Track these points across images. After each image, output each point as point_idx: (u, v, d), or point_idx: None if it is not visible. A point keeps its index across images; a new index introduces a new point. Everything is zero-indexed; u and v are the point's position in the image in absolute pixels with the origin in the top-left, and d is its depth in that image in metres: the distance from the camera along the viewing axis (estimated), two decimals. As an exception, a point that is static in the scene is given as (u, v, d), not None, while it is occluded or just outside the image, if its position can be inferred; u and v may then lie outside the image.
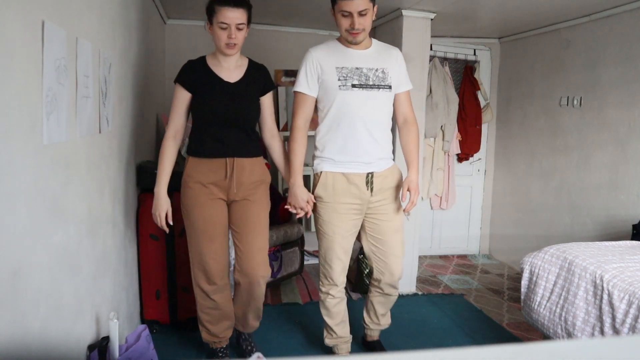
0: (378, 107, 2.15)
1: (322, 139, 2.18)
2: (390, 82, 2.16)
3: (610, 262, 2.15)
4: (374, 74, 2.12)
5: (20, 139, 1.03)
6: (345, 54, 2.13)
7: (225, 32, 2.00)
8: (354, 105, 2.10)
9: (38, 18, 1.11)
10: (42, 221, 1.17)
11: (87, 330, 1.55)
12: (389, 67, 2.16)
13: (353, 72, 2.10)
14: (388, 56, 2.19)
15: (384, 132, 2.19)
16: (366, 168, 2.16)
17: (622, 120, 3.08)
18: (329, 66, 2.11)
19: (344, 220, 2.19)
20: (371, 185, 2.17)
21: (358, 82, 2.10)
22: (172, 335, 2.63)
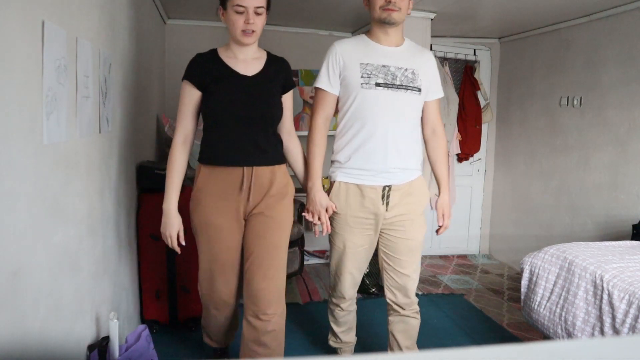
0: (404, 111, 1.92)
1: (338, 142, 1.99)
2: (420, 84, 1.93)
3: (610, 262, 2.15)
4: (403, 73, 1.91)
5: (20, 139, 1.03)
6: (372, 50, 1.93)
7: (242, 17, 1.74)
8: (375, 106, 1.88)
9: (38, 18, 1.11)
10: (42, 221, 1.17)
11: (87, 330, 1.55)
12: (420, 69, 1.94)
13: (379, 69, 1.89)
14: (420, 57, 1.98)
15: (408, 140, 1.95)
16: (383, 180, 1.93)
17: (622, 121, 3.08)
18: (352, 61, 1.91)
19: (356, 234, 2.00)
20: (387, 200, 1.94)
21: (383, 80, 1.88)
22: (172, 335, 2.63)
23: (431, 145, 2.08)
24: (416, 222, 2.01)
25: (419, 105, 1.98)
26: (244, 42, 1.79)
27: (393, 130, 1.90)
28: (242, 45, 1.83)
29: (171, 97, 3.74)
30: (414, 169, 1.99)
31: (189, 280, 2.62)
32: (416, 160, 2.00)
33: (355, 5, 3.24)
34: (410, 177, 1.98)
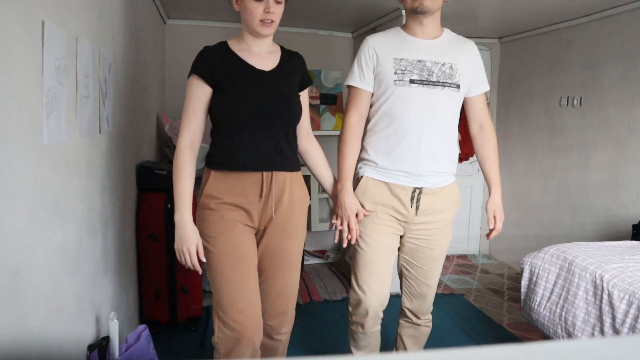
0: (440, 109, 1.78)
1: (368, 139, 1.86)
2: (458, 80, 1.78)
3: (610, 262, 2.15)
4: (440, 68, 1.76)
5: (20, 139, 1.03)
6: (407, 43, 1.79)
7: (261, 6, 1.56)
8: (409, 104, 1.75)
9: (38, 18, 1.11)
10: (42, 221, 1.17)
11: (87, 330, 1.55)
12: (459, 63, 1.79)
13: (414, 65, 1.75)
14: (460, 49, 1.82)
15: (444, 141, 1.81)
16: (415, 182, 1.79)
17: (622, 120, 3.08)
18: (386, 56, 1.77)
19: (382, 233, 1.84)
20: (417, 204, 1.80)
21: (418, 77, 1.75)
22: (172, 335, 2.63)
23: (479, 142, 1.92)
24: (444, 231, 1.88)
25: (456, 103, 1.83)
26: (262, 33, 1.61)
27: (427, 130, 1.76)
28: (259, 36, 1.64)
29: (171, 97, 3.74)
30: (448, 174, 1.84)
31: (189, 280, 2.62)
32: (450, 164, 1.85)
33: (355, 5, 3.24)
34: (444, 182, 1.83)
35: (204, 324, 2.78)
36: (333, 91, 4.05)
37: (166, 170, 2.55)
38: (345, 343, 2.63)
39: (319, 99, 3.99)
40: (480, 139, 1.93)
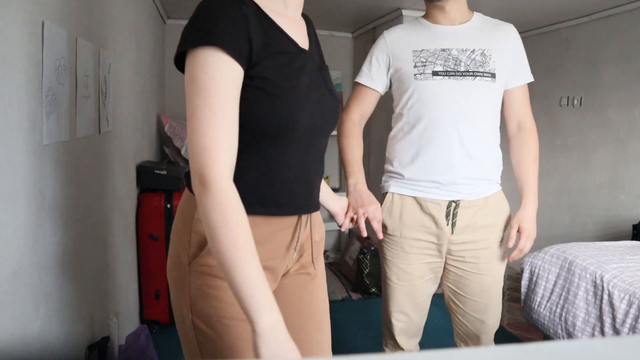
0: (474, 103, 1.48)
1: (391, 148, 1.60)
2: (493, 68, 1.49)
3: (611, 262, 2.15)
4: (469, 56, 1.48)
5: (20, 139, 1.03)
6: (428, 32, 1.52)
7: None
8: (435, 99, 1.47)
9: (38, 18, 1.11)
10: (42, 221, 1.17)
11: (87, 330, 1.55)
12: (493, 49, 1.49)
13: (436, 55, 1.48)
14: (494, 33, 1.53)
15: (482, 141, 1.51)
16: (449, 193, 1.49)
17: (622, 120, 3.08)
18: (404, 50, 1.51)
19: (413, 262, 1.55)
20: (453, 219, 1.50)
21: (442, 67, 1.47)
22: (172, 335, 2.62)
23: (515, 145, 1.61)
24: (494, 251, 1.54)
25: (494, 94, 1.53)
26: None
27: (462, 128, 1.47)
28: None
29: (171, 97, 3.74)
30: (490, 181, 1.54)
31: (189, 280, 2.62)
32: (492, 169, 1.55)
33: (355, 5, 3.24)
34: (486, 191, 1.52)
35: (204, 324, 2.78)
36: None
37: (166, 170, 2.55)
38: (345, 343, 2.63)
39: (319, 99, 3.98)
40: (519, 140, 1.61)
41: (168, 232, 2.53)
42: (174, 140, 3.14)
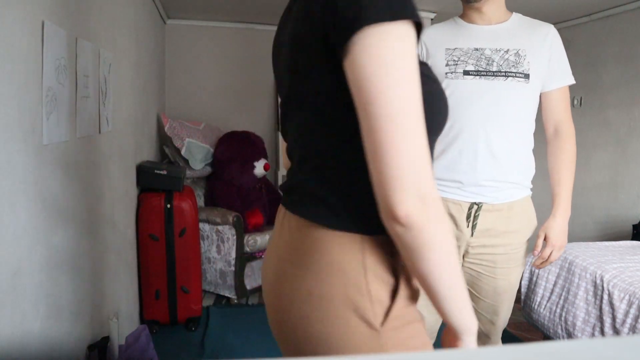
0: (504, 104, 1.45)
1: None
2: (526, 68, 1.46)
3: (611, 262, 2.15)
4: (502, 56, 1.47)
5: (20, 139, 1.03)
6: (463, 31, 1.52)
7: None
8: (464, 99, 1.46)
9: (38, 18, 1.11)
10: (42, 221, 1.17)
11: (87, 330, 1.55)
12: (528, 49, 1.48)
13: (469, 54, 1.48)
14: (532, 33, 1.53)
15: (511, 144, 1.47)
16: (471, 195, 1.46)
17: (623, 120, 3.08)
18: (437, 48, 1.52)
19: None
20: (474, 222, 1.46)
21: (474, 67, 1.47)
22: (172, 335, 2.63)
23: (551, 150, 1.56)
24: (512, 258, 1.50)
25: (527, 96, 1.49)
26: None
27: (491, 130, 1.44)
28: None
29: (171, 97, 3.74)
30: (518, 185, 1.49)
31: (188, 281, 2.62)
32: (521, 173, 1.50)
33: (355, 5, 3.24)
34: (512, 196, 1.47)
35: (203, 324, 2.78)
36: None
37: (166, 170, 2.55)
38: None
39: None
40: (555, 145, 1.55)
41: (168, 232, 2.53)
42: (174, 140, 3.14)
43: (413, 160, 0.62)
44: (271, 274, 0.81)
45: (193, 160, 3.16)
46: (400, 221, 0.63)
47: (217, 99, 3.82)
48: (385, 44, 0.62)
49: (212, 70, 3.83)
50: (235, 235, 2.98)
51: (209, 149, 3.26)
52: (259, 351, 2.52)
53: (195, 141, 3.20)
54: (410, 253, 0.66)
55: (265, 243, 3.13)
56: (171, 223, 2.54)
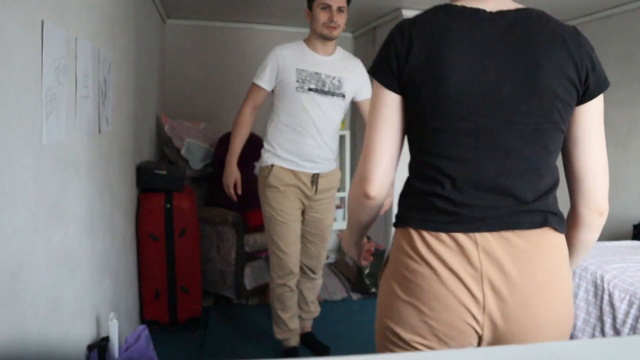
0: (329, 113, 2.24)
1: (274, 135, 2.26)
2: (344, 91, 2.27)
3: (611, 262, 2.15)
4: (331, 81, 2.23)
5: (20, 138, 1.03)
6: (308, 58, 2.23)
7: None
8: (309, 108, 2.19)
9: (38, 18, 1.11)
10: (42, 221, 1.16)
11: (86, 330, 1.54)
12: (346, 77, 2.26)
13: (312, 76, 2.20)
14: (347, 66, 2.30)
15: (332, 136, 2.29)
16: (313, 168, 2.26)
17: (623, 120, 3.08)
18: (290, 67, 2.19)
19: (292, 208, 2.29)
20: (316, 186, 2.29)
21: (315, 86, 2.20)
22: (172, 335, 2.63)
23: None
24: (332, 203, 2.47)
25: (342, 108, 2.32)
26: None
27: (322, 128, 2.23)
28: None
29: (171, 97, 3.74)
30: (333, 160, 2.36)
31: (188, 281, 2.62)
32: (334, 153, 2.36)
33: (355, 5, 3.24)
34: (331, 167, 2.35)
35: (203, 324, 2.78)
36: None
37: (166, 170, 2.55)
38: (346, 342, 2.64)
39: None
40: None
41: (168, 232, 2.53)
42: (174, 140, 3.14)
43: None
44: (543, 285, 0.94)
45: (193, 160, 3.16)
46: (603, 213, 1.04)
47: (217, 99, 3.82)
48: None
49: (212, 70, 3.83)
50: (235, 235, 2.98)
51: (209, 149, 3.26)
52: (259, 351, 2.52)
53: (195, 141, 3.20)
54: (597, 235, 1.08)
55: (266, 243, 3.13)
56: (171, 223, 2.54)
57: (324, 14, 2.16)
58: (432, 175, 0.96)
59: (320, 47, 2.24)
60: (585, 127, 1.00)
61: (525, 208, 0.95)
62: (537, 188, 0.98)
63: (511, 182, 0.94)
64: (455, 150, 0.94)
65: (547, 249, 0.95)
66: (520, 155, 0.95)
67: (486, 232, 0.92)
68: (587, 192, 1.06)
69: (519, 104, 0.92)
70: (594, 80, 0.98)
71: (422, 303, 0.93)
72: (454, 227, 0.92)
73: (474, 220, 0.92)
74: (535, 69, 0.92)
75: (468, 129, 0.93)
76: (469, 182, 0.94)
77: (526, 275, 0.91)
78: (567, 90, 0.94)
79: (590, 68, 0.99)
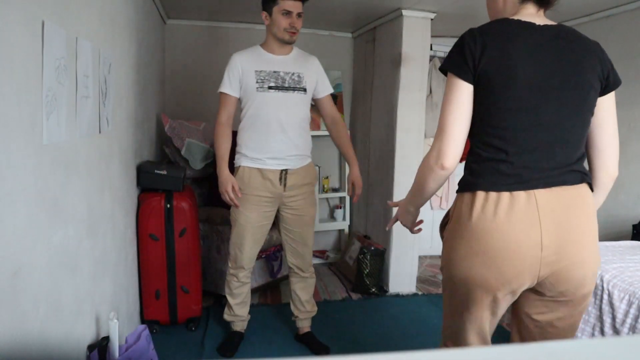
0: (293, 108, 2.31)
1: (241, 136, 2.34)
2: (305, 85, 2.33)
3: (611, 262, 2.15)
4: (290, 77, 2.30)
5: (20, 139, 1.03)
6: (265, 59, 2.31)
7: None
8: (270, 105, 2.26)
9: (38, 18, 1.11)
10: (42, 221, 1.17)
11: (87, 330, 1.55)
12: (304, 72, 2.34)
13: (271, 74, 2.28)
14: (305, 62, 2.38)
15: (298, 132, 2.33)
16: (281, 165, 2.31)
17: (623, 120, 3.06)
18: (249, 70, 2.27)
19: (255, 211, 2.35)
20: (284, 182, 2.33)
21: (274, 84, 2.28)
22: (172, 335, 2.63)
23: (334, 132, 2.49)
24: (308, 200, 2.46)
25: (305, 102, 2.37)
26: None
27: (286, 124, 2.29)
28: None
29: (171, 97, 3.74)
30: (304, 156, 2.39)
31: (188, 281, 2.62)
32: (306, 148, 2.39)
33: (355, 5, 3.24)
34: (303, 162, 2.38)
35: (203, 324, 2.78)
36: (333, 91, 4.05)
37: (166, 170, 2.55)
38: (346, 342, 2.64)
39: (319, 99, 3.99)
40: (334, 129, 2.49)
41: (168, 232, 2.53)
42: (174, 140, 3.14)
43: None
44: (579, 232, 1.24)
45: (193, 160, 3.16)
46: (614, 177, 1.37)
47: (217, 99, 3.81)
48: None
49: (213, 70, 3.83)
50: (235, 235, 2.97)
51: (209, 149, 3.26)
52: (259, 351, 2.52)
53: (195, 141, 3.20)
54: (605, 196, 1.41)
55: (266, 243, 3.13)
56: (171, 223, 2.54)
57: (285, 20, 2.23)
58: (498, 144, 1.24)
59: (277, 49, 2.32)
60: (606, 112, 1.34)
61: (569, 169, 1.25)
62: (576, 154, 1.28)
63: (559, 149, 1.25)
64: (518, 124, 1.23)
65: (585, 200, 1.26)
66: (566, 129, 1.26)
67: (542, 189, 1.21)
68: (604, 160, 1.35)
69: (566, 90, 1.24)
70: (613, 78, 1.33)
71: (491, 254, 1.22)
72: (517, 186, 1.21)
73: (532, 180, 1.21)
74: (577, 66, 1.25)
75: (528, 108, 1.23)
76: (527, 149, 1.23)
77: (573, 218, 1.22)
78: (597, 84, 1.28)
79: (610, 69, 1.33)
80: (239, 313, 2.56)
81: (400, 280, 3.45)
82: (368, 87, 3.84)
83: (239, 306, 2.55)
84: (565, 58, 1.25)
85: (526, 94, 1.23)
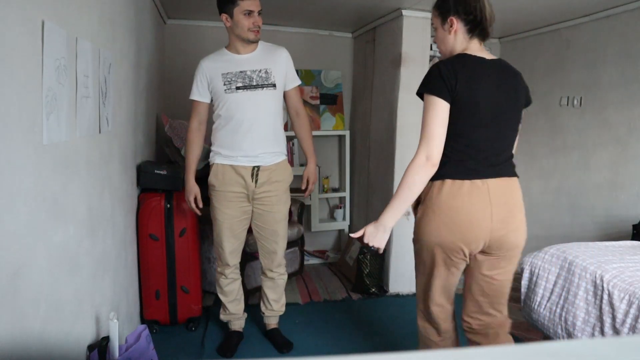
0: (263, 105, 2.31)
1: (215, 136, 2.37)
2: (274, 80, 2.32)
3: (611, 262, 2.15)
4: (258, 74, 2.30)
5: (20, 138, 1.03)
6: (231, 61, 2.31)
7: None
8: (239, 105, 2.28)
9: (38, 18, 1.11)
10: (42, 221, 1.17)
11: (87, 330, 1.55)
12: (272, 67, 2.32)
13: (237, 75, 2.28)
14: (272, 56, 2.35)
15: (271, 129, 2.34)
16: (252, 162, 2.32)
17: (622, 120, 3.08)
18: (215, 74, 2.30)
19: (230, 207, 2.36)
20: (256, 178, 2.33)
21: (242, 83, 2.28)
22: (172, 335, 2.63)
23: (296, 125, 2.51)
24: (281, 198, 2.45)
25: (276, 97, 2.36)
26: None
27: (256, 122, 2.30)
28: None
29: (171, 97, 3.74)
30: (278, 153, 2.39)
31: (188, 281, 2.62)
32: (279, 145, 2.40)
33: (355, 5, 3.24)
34: (276, 159, 2.38)
35: (203, 324, 2.78)
36: (333, 91, 4.05)
37: (166, 170, 2.55)
38: (346, 342, 2.64)
39: (319, 99, 3.99)
40: (298, 123, 2.49)
41: (168, 232, 2.53)
42: (174, 140, 3.13)
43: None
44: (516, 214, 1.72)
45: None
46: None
47: (217, 99, 3.81)
48: None
49: (212, 70, 3.83)
50: (235, 235, 2.97)
51: (209, 149, 3.26)
52: (259, 351, 2.52)
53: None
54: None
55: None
56: (171, 223, 2.54)
57: (247, 20, 2.23)
58: (463, 149, 1.64)
59: (241, 48, 2.32)
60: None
61: (508, 165, 1.71)
62: (510, 154, 1.74)
63: (502, 152, 1.69)
64: (478, 136, 1.64)
65: (517, 187, 1.73)
66: (507, 137, 1.71)
67: (492, 179, 1.64)
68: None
69: (509, 112, 1.70)
70: (529, 99, 1.80)
71: (457, 224, 1.63)
72: (475, 176, 1.62)
73: (486, 173, 1.63)
74: (515, 93, 1.71)
75: (486, 125, 1.64)
76: (483, 152, 1.64)
77: (510, 199, 1.68)
78: (523, 104, 1.75)
79: (527, 92, 1.78)
80: (233, 311, 2.56)
81: (400, 280, 3.45)
82: (368, 87, 3.84)
83: (233, 304, 2.55)
84: (507, 87, 1.68)
85: (485, 115, 1.64)
